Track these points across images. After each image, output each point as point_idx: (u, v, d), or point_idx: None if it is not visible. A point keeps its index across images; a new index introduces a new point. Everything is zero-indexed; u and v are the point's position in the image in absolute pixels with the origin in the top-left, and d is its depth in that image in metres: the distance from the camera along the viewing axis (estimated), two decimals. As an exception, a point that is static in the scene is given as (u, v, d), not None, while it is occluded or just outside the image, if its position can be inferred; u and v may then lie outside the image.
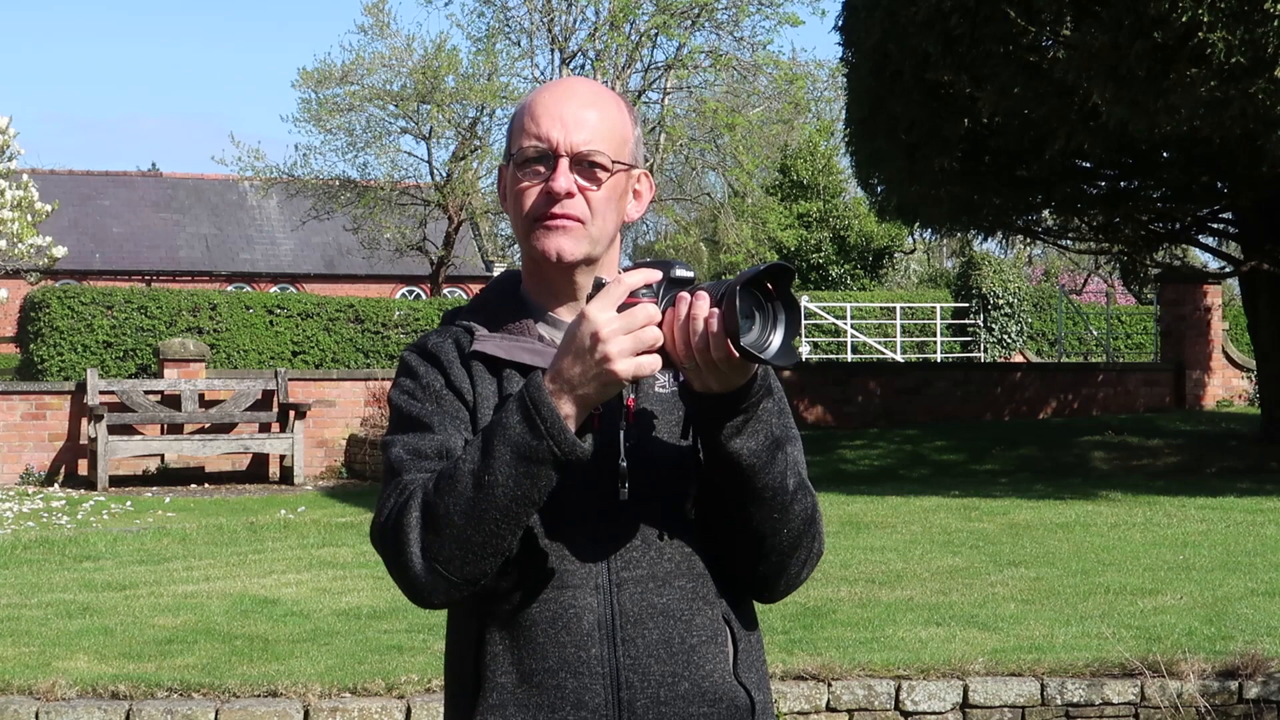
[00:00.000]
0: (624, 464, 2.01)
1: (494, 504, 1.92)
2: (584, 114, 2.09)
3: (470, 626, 2.09)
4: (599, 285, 1.91)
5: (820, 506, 2.15)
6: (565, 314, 2.13)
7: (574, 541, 2.03)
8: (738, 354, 1.85)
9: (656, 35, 26.19)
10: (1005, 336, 28.50)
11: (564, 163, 2.07)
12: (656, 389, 2.10)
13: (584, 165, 2.08)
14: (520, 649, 2.03)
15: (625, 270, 1.97)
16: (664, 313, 1.90)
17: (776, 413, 2.03)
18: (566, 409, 1.90)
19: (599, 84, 2.20)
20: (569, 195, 2.07)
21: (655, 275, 1.92)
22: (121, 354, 19.19)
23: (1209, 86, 11.79)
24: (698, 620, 2.06)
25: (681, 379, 1.99)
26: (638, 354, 1.87)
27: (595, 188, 2.08)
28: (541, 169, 2.08)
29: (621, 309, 1.88)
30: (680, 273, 1.94)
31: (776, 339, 1.87)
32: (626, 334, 1.87)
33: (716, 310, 1.86)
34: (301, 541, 10.97)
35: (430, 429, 2.07)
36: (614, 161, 2.09)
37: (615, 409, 2.04)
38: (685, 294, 1.89)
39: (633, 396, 2.05)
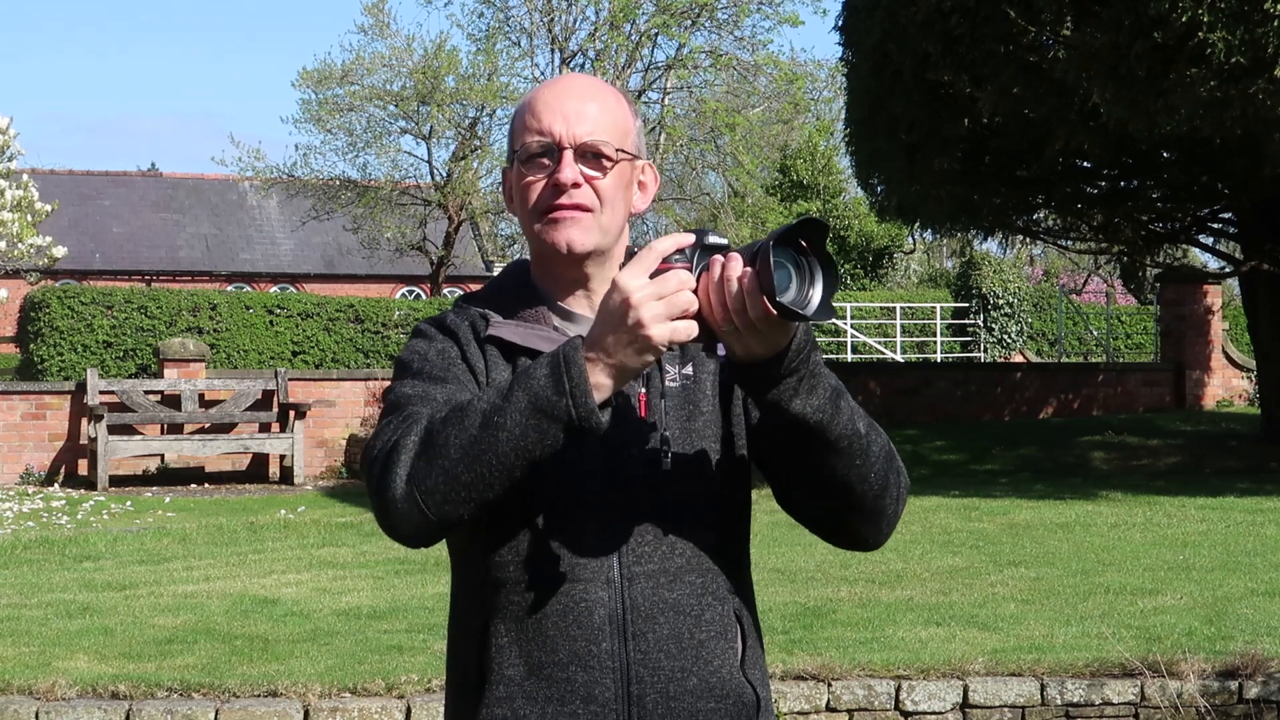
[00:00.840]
0: (666, 432, 2.01)
1: (495, 447, 1.89)
2: (585, 107, 2.09)
3: (475, 619, 2.09)
4: (630, 254, 1.90)
5: (889, 442, 2.11)
6: (575, 304, 2.13)
7: (586, 535, 2.03)
8: (775, 311, 1.81)
9: (656, 35, 26.18)
10: (1005, 336, 28.50)
11: (568, 154, 2.07)
12: (667, 382, 2.08)
13: (588, 156, 2.08)
14: (529, 641, 2.02)
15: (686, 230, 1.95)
16: (698, 278, 1.87)
17: (822, 362, 2.00)
18: (599, 377, 1.87)
19: (597, 79, 2.21)
20: (575, 186, 2.07)
21: (688, 239, 1.89)
22: (121, 354, 19.19)
23: (1209, 86, 11.79)
24: (707, 615, 2.06)
25: (723, 354, 1.94)
26: (672, 319, 1.85)
27: (601, 175, 2.08)
28: (546, 162, 2.08)
29: (655, 276, 1.86)
30: (714, 239, 1.90)
31: (816, 295, 1.84)
32: (659, 299, 1.84)
33: (750, 270, 1.82)
34: (301, 541, 10.97)
35: (443, 381, 2.06)
36: (618, 150, 2.10)
37: (627, 405, 2.04)
38: (719, 257, 1.86)
39: (644, 391, 2.04)
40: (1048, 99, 13.24)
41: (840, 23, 16.17)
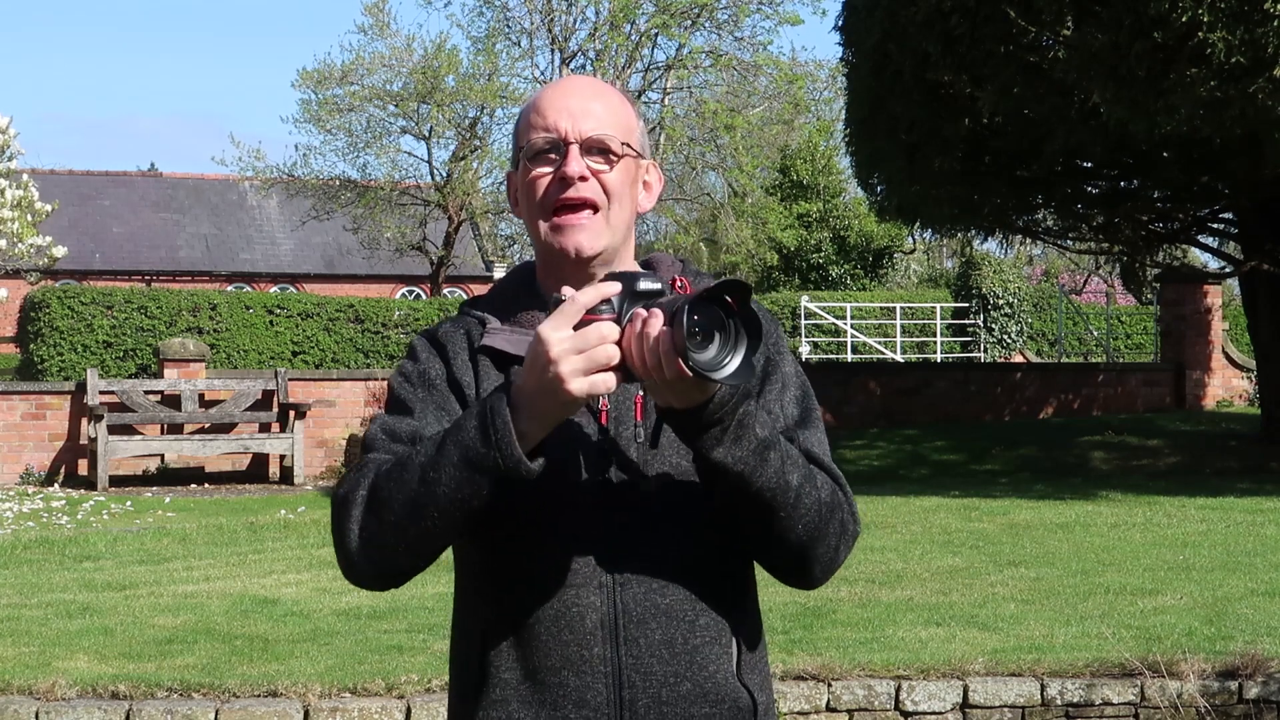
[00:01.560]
0: (643, 441, 2.05)
1: (434, 501, 1.92)
2: (589, 105, 2.10)
3: (475, 622, 2.09)
4: (556, 303, 1.89)
5: (844, 484, 2.10)
6: None
7: (579, 540, 2.03)
8: (690, 373, 1.81)
9: (656, 35, 26.19)
10: (1005, 336, 28.49)
11: (574, 148, 2.08)
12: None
13: (594, 151, 2.09)
14: (524, 646, 2.03)
15: (610, 276, 1.94)
16: (624, 329, 1.86)
17: (763, 412, 2.01)
18: (524, 425, 1.89)
19: (599, 80, 2.23)
20: (582, 179, 2.07)
21: (613, 289, 1.88)
22: (121, 354, 19.20)
23: (1209, 86, 11.79)
24: (701, 621, 2.05)
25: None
26: (590, 373, 1.85)
27: (608, 169, 2.09)
28: (553, 157, 2.09)
29: (580, 326, 1.86)
30: (645, 285, 1.89)
31: (736, 357, 1.83)
32: (578, 353, 1.85)
33: (667, 329, 1.82)
34: (301, 541, 10.96)
35: (411, 413, 2.09)
36: (623, 144, 2.11)
37: (623, 409, 2.05)
38: (642, 310, 1.86)
39: (640, 394, 2.05)
40: (1048, 99, 13.24)
41: (840, 23, 16.17)
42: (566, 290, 1.94)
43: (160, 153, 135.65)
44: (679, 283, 2.16)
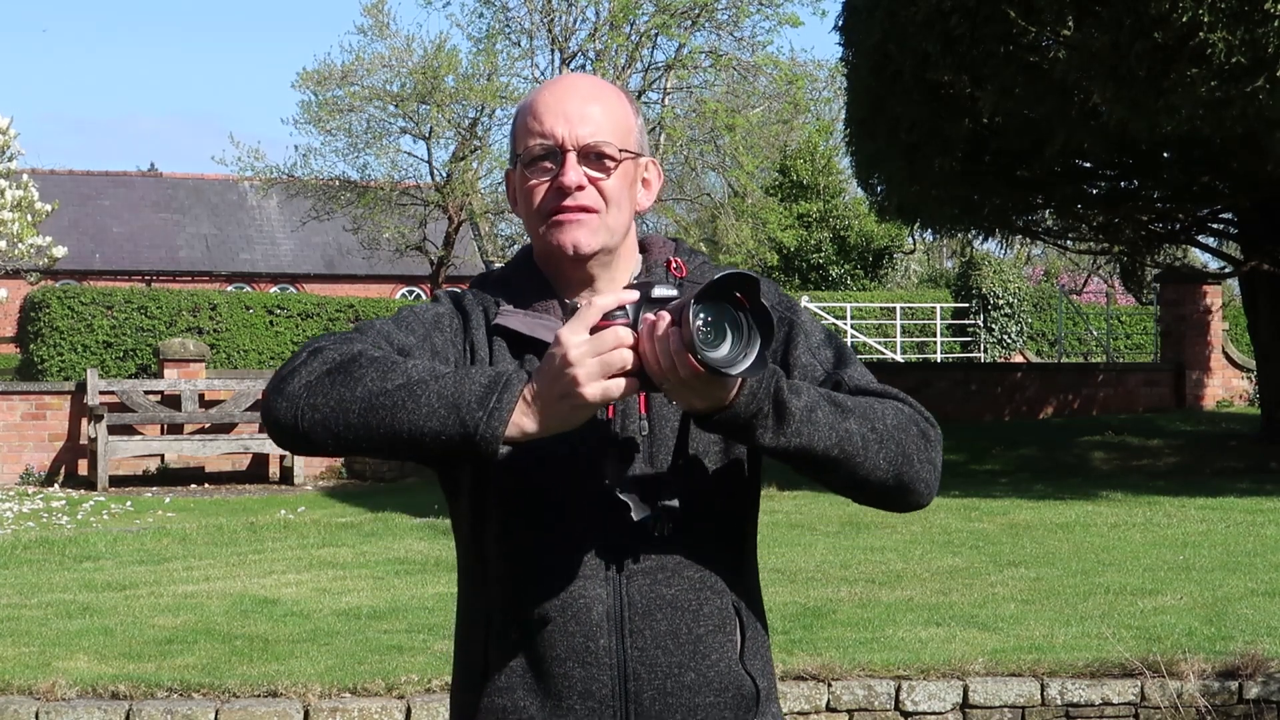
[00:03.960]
0: (646, 433, 2.06)
1: (395, 412, 1.87)
2: (587, 108, 2.09)
3: (480, 611, 2.10)
4: (573, 308, 1.89)
5: (903, 397, 2.08)
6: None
7: (584, 532, 2.04)
8: (701, 368, 1.81)
9: (656, 35, 26.18)
10: (1005, 336, 28.50)
11: (571, 157, 2.07)
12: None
13: (591, 157, 2.08)
14: (530, 636, 2.04)
15: (628, 286, 1.94)
16: (638, 334, 1.86)
17: (798, 377, 2.01)
18: (524, 420, 1.87)
19: (598, 78, 2.21)
20: (579, 188, 2.06)
21: (631, 296, 1.89)
22: (121, 354, 19.20)
23: (1209, 86, 11.78)
24: (705, 610, 2.06)
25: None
26: (606, 378, 1.85)
27: (605, 176, 2.08)
28: (549, 165, 2.08)
29: (595, 331, 1.86)
30: (659, 292, 1.89)
31: (751, 351, 1.83)
32: (594, 357, 1.84)
33: (675, 328, 1.82)
34: (301, 541, 10.96)
35: (413, 336, 2.06)
36: (621, 150, 2.10)
37: (629, 402, 2.05)
38: (650, 315, 1.86)
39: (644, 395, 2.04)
40: (1048, 99, 13.23)
41: (840, 23, 16.17)
42: (583, 296, 1.94)
43: (160, 153, 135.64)
44: (674, 264, 2.17)
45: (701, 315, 1.81)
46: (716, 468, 2.08)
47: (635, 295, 1.89)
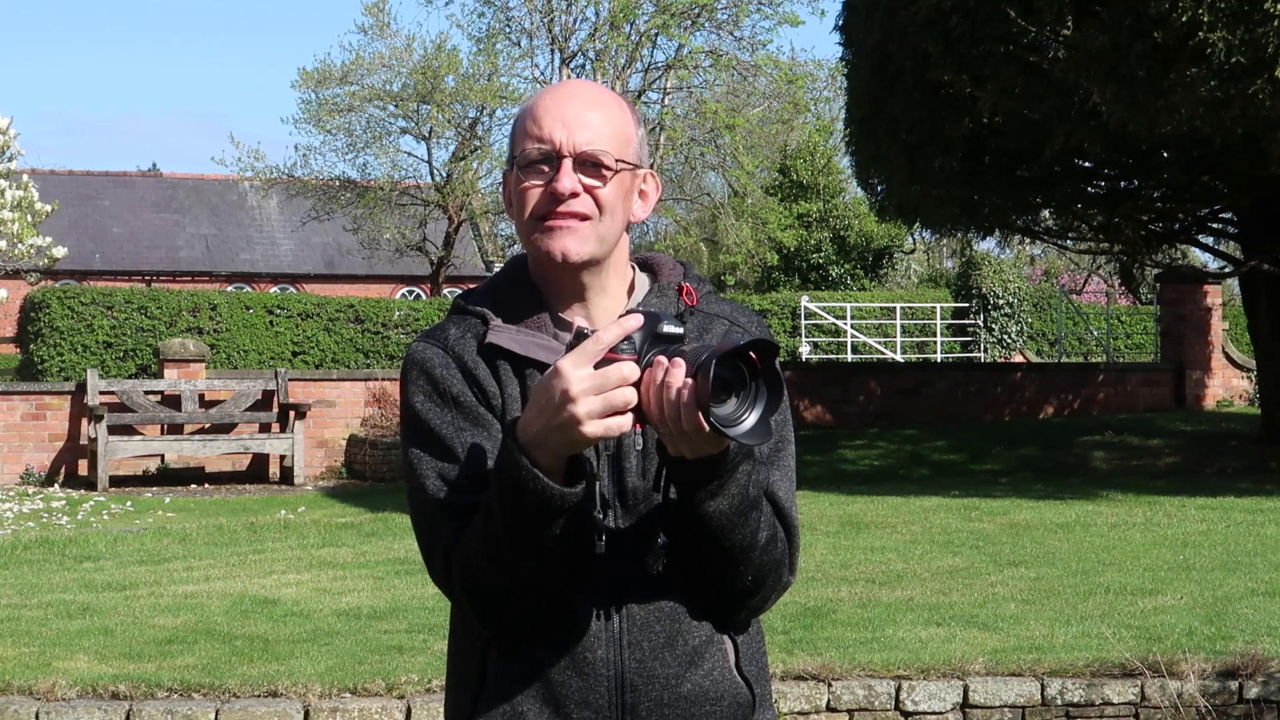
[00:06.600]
0: (638, 448, 2.07)
1: (513, 569, 1.95)
2: (586, 115, 2.07)
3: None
4: (580, 336, 1.86)
5: (796, 535, 2.11)
6: (572, 315, 2.10)
7: (583, 544, 2.03)
8: (708, 428, 1.80)
9: (656, 35, 26.15)
10: (1005, 336, 28.48)
11: (568, 163, 2.05)
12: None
13: (588, 165, 2.06)
14: (527, 645, 2.04)
15: (627, 313, 1.92)
16: (643, 372, 1.85)
17: (751, 473, 2.00)
18: (545, 461, 1.89)
19: (600, 85, 2.19)
20: (573, 195, 2.05)
21: (635, 324, 1.86)
22: (121, 354, 19.19)
23: (1209, 86, 11.78)
24: (701, 618, 2.07)
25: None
26: (607, 416, 1.84)
27: (601, 184, 2.06)
28: (545, 169, 2.06)
29: (599, 366, 1.84)
30: (667, 328, 1.88)
31: (754, 415, 1.82)
32: (598, 394, 1.83)
33: (690, 381, 1.80)
34: (301, 542, 10.96)
35: (454, 449, 2.05)
36: (618, 160, 2.08)
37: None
38: (663, 358, 1.84)
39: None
40: (1048, 99, 13.23)
41: (840, 23, 16.17)
42: (579, 320, 1.94)
43: (160, 153, 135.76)
44: (685, 290, 2.15)
45: (720, 374, 1.80)
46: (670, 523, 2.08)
47: (639, 322, 1.87)
